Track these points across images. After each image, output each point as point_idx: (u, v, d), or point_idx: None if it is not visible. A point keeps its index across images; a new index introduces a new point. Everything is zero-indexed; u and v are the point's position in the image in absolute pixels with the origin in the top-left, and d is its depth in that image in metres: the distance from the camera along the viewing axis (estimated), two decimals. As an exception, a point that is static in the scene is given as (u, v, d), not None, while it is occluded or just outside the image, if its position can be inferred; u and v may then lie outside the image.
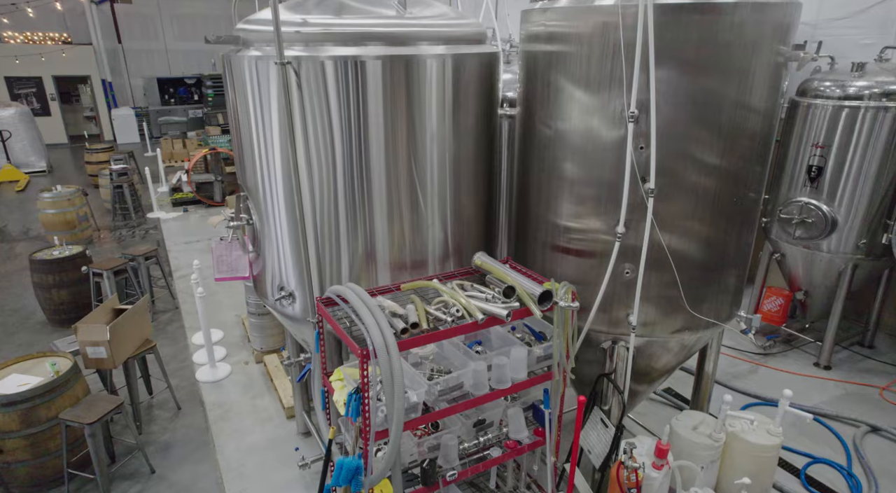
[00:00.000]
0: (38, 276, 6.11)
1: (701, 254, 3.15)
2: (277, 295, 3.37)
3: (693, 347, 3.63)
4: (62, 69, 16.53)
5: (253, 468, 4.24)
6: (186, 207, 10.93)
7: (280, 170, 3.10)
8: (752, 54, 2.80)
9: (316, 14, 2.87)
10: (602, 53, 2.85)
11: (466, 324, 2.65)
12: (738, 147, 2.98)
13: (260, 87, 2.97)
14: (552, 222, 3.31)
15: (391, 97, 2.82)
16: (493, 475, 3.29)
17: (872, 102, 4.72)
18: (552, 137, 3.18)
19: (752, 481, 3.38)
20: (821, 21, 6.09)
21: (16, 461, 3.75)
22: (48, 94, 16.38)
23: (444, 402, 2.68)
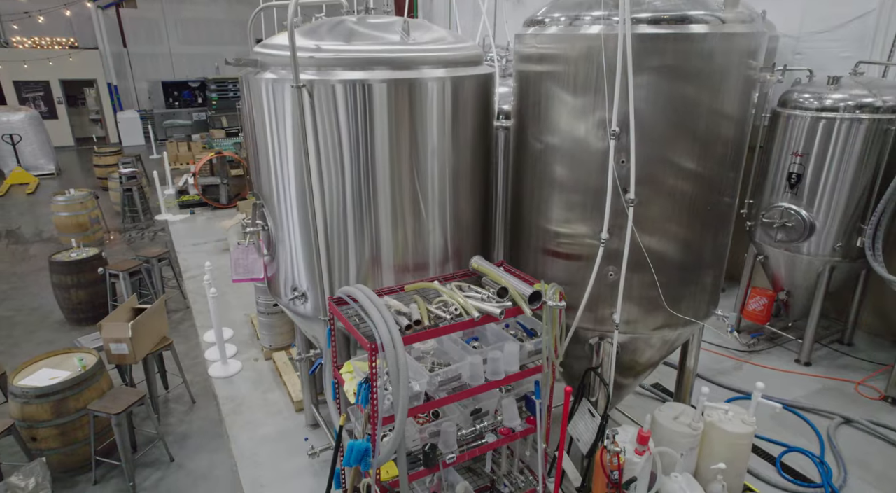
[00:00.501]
0: (57, 277, 6.41)
1: (679, 256, 3.45)
2: (291, 295, 3.67)
3: (674, 343, 3.92)
4: (69, 73, 16.83)
5: (265, 457, 4.53)
6: (193, 209, 11.23)
7: (294, 181, 3.40)
8: (721, 77, 3.10)
9: (328, 40, 3.17)
10: (587, 75, 3.14)
11: (464, 321, 2.94)
12: (713, 156, 3.27)
13: (276, 106, 3.27)
14: (543, 228, 3.61)
15: (395, 116, 3.12)
16: (488, 459, 3.58)
17: (847, 113, 5.01)
18: (543, 150, 3.48)
19: (727, 466, 3.67)
20: (803, 34, 6.39)
21: (48, 449, 4.05)
22: (55, 97, 16.68)
23: (443, 392, 2.97)
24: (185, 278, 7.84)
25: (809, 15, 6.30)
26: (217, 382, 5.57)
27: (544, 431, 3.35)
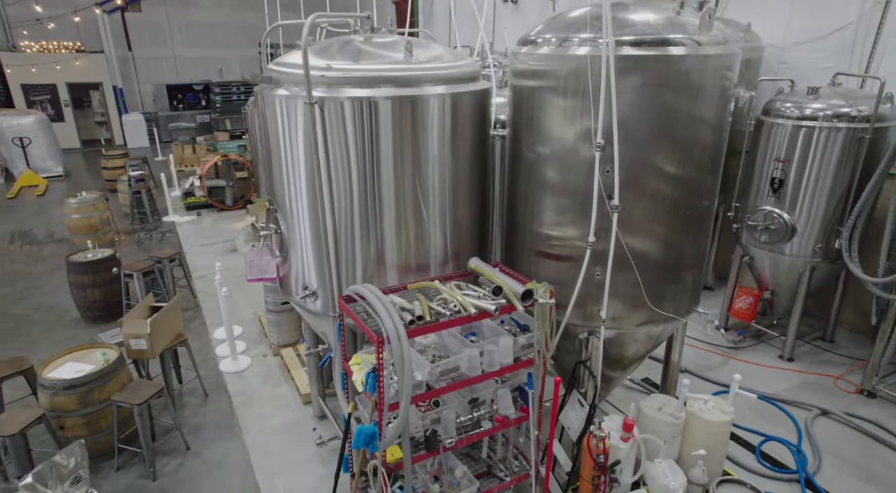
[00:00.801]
0: (74, 276, 6.70)
1: (661, 256, 3.73)
2: (302, 294, 3.96)
3: (659, 337, 4.21)
4: (76, 76, 17.13)
5: (275, 447, 4.82)
6: (199, 211, 11.51)
7: (305, 188, 3.68)
8: (698, 93, 3.39)
9: (339, 59, 3.46)
10: (575, 91, 3.42)
11: (462, 317, 3.22)
12: (692, 163, 3.55)
13: (288, 120, 3.56)
14: (535, 231, 3.90)
15: (399, 130, 3.41)
16: (485, 445, 3.87)
17: (825, 122, 5.30)
18: (535, 159, 3.76)
19: (707, 452, 3.97)
20: (788, 44, 6.68)
21: (74, 437, 4.33)
22: (62, 100, 16.97)
23: (443, 381, 3.26)
24: (195, 278, 8.13)
25: (793, 26, 6.59)
26: (228, 377, 5.85)
27: (536, 419, 3.63)
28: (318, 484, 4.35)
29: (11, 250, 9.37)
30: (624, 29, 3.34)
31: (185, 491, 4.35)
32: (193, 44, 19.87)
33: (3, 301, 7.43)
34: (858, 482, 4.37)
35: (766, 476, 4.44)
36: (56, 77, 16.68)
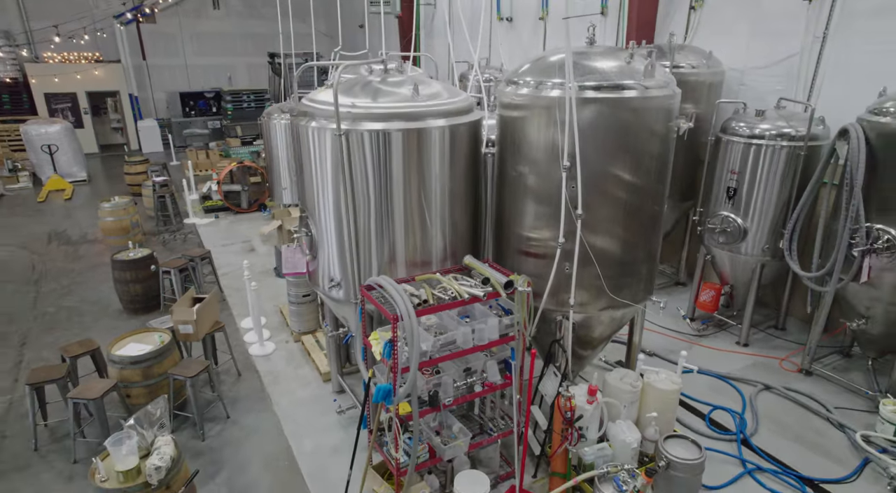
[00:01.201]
0: (118, 273, 7.59)
1: (620, 253, 4.63)
2: (329, 285, 4.85)
3: (621, 321, 5.11)
4: (94, 85, 18.03)
5: (301, 416, 5.71)
6: (217, 213, 12.41)
7: (332, 200, 4.58)
8: (646, 124, 4.29)
9: (361, 97, 4.36)
10: (548, 123, 4.32)
11: (458, 301, 4.11)
12: (643, 175, 4.43)
13: (319, 146, 4.45)
14: (518, 233, 4.80)
15: (408, 155, 4.30)
16: (476, 406, 4.76)
17: (770, 141, 6.20)
18: (517, 175, 4.66)
19: (659, 415, 4.87)
20: (747, 69, 7.57)
21: (138, 404, 5.22)
22: (82, 108, 17.87)
23: (443, 352, 4.14)
24: (220, 275, 9.01)
25: (751, 52, 7.48)
26: (257, 359, 6.75)
27: (518, 385, 4.52)
28: (339, 443, 5.25)
29: (50, 249, 10.26)
30: (588, 75, 4.24)
31: (229, 450, 5.24)
32: (204, 53, 20.76)
33: (53, 295, 8.32)
34: (788, 441, 5.27)
35: (712, 438, 5.34)
36: (76, 86, 17.58)
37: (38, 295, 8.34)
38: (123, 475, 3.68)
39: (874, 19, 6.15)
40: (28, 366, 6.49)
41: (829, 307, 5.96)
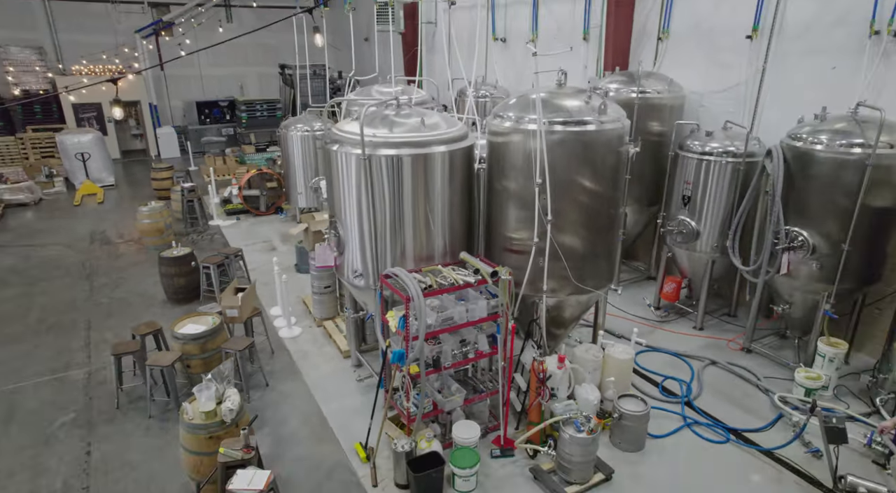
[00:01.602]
0: (164, 268, 8.83)
1: (583, 249, 5.86)
2: (353, 276, 6.09)
3: (587, 304, 6.35)
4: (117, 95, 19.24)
5: (328, 384, 6.93)
6: (238, 216, 13.65)
7: (356, 208, 5.81)
8: (602, 148, 5.52)
9: (379, 128, 5.59)
10: (525, 148, 5.56)
11: (455, 287, 5.34)
12: (601, 185, 5.66)
13: (346, 167, 5.68)
14: (503, 234, 6.03)
15: (415, 174, 5.53)
16: (469, 370, 5.99)
17: (717, 157, 7.41)
18: (502, 188, 5.90)
19: (616, 379, 6.11)
20: (706, 92, 8.79)
21: (196, 373, 6.46)
22: (106, 117, 19.11)
23: (443, 326, 5.37)
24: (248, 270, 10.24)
25: (708, 79, 8.70)
26: (286, 340, 7.98)
27: (502, 354, 5.75)
28: (359, 405, 6.47)
29: (93, 249, 11.50)
30: (556, 112, 5.49)
31: (270, 411, 6.47)
32: (218, 63, 21.96)
33: (105, 288, 9.56)
34: (724, 403, 6.49)
35: (662, 400, 6.56)
36: (101, 96, 18.79)
37: (92, 288, 9.58)
38: (205, 415, 4.92)
39: (803, 57, 7.39)
40: (96, 346, 7.74)
41: (761, 295, 7.19)
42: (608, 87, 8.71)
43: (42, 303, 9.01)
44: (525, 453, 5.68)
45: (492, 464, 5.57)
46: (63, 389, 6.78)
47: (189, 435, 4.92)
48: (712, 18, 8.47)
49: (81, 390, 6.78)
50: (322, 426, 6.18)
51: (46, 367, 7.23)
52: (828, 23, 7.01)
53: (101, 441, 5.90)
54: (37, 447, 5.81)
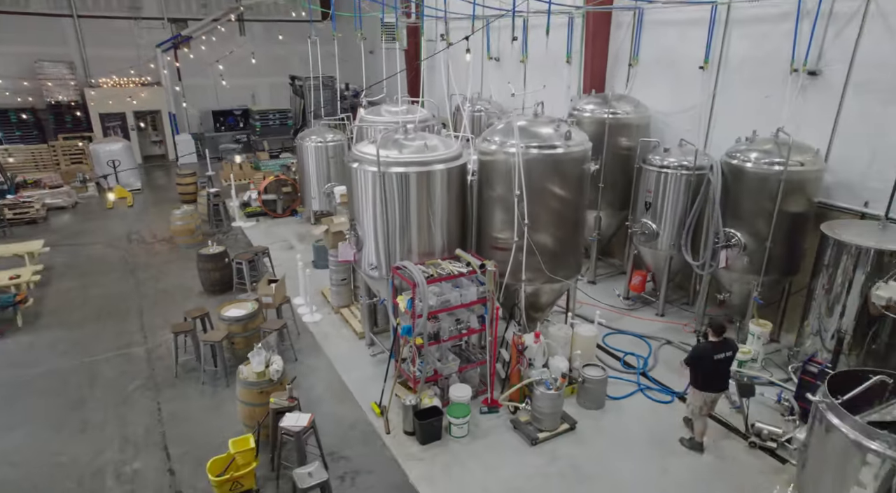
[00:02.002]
0: (202, 263, 10.26)
1: (554, 246, 7.30)
2: (370, 268, 7.52)
3: (559, 291, 7.79)
4: (140, 105, 20.70)
5: (345, 359, 8.35)
6: (257, 218, 15.07)
7: (371, 214, 7.24)
8: (568, 166, 6.96)
9: (391, 149, 7.02)
10: (507, 166, 6.99)
11: (451, 276, 6.77)
12: (568, 192, 7.11)
13: (364, 180, 7.12)
14: (491, 234, 7.47)
15: (420, 187, 6.97)
16: (463, 344, 7.42)
17: (673, 170, 8.83)
18: (489, 197, 7.34)
19: (582, 353, 7.54)
20: (669, 112, 10.21)
21: (240, 349, 7.88)
22: (129, 125, 20.55)
23: (442, 306, 6.79)
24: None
25: (672, 100, 10.11)
26: (309, 324, 9.40)
27: (490, 331, 7.16)
28: (372, 375, 7.87)
29: (132, 247, 12.93)
30: (532, 138, 6.92)
31: (300, 379, 7.88)
32: (231, 74, 23.34)
33: (149, 281, 10.99)
34: (672, 374, 7.90)
35: (622, 371, 7.99)
36: (126, 106, 20.22)
37: (137, 281, 11.01)
38: (257, 375, 6.35)
39: (743, 87, 8.80)
40: (150, 329, 9.16)
41: (708, 285, 8.62)
42: (585, 107, 10.16)
43: (97, 294, 10.44)
44: (507, 409, 7.10)
45: (481, 419, 7.00)
46: (129, 362, 8.22)
47: (245, 390, 6.36)
48: (673, 50, 9.89)
49: (144, 362, 8.21)
50: (343, 391, 7.61)
51: (113, 345, 8.66)
52: (760, 59, 8.43)
53: (167, 401, 7.34)
54: (118, 405, 7.25)
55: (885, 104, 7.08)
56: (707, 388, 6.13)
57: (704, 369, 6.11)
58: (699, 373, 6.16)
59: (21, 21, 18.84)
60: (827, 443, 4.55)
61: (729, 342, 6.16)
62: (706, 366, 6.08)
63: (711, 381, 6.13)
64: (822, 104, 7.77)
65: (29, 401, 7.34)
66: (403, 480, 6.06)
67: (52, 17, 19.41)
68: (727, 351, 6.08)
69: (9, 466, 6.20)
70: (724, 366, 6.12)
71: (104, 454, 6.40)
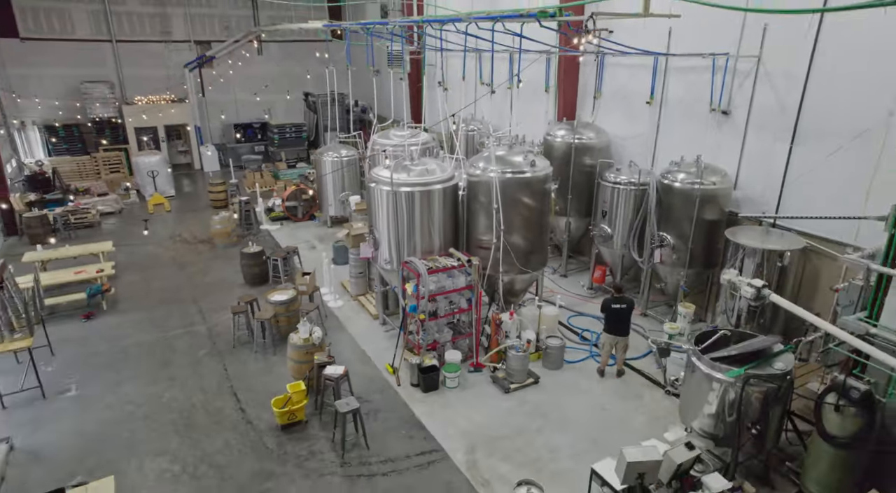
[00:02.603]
0: (245, 260, 12.57)
1: (524, 245, 9.62)
2: (385, 263, 9.84)
3: (530, 281, 10.12)
4: (170, 120, 23.02)
5: (363, 334, 10.67)
6: (281, 222, 17.38)
7: (385, 221, 9.56)
8: (534, 185, 9.28)
9: (401, 173, 9.34)
10: (488, 187, 9.31)
11: (446, 268, 9.06)
12: (535, 202, 9.42)
13: (380, 196, 9.44)
14: (476, 237, 9.80)
15: (423, 202, 9.28)
16: (456, 320, 9.73)
17: (623, 185, 11.13)
18: (475, 208, 9.66)
19: (546, 327, 9.86)
20: (626, 137, 12.50)
21: (282, 325, 10.20)
22: (160, 138, 22.87)
23: (439, 290, 9.09)
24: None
25: (626, 127, 12.41)
26: (333, 308, 11.71)
27: (475, 311, 9.46)
28: (385, 346, 10.17)
29: (177, 246, 15.25)
30: (507, 165, 9.25)
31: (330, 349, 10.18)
32: (251, 89, 25.72)
33: (197, 276, 13.30)
34: (618, 344, 10.21)
35: (579, 343, 10.30)
36: (157, 121, 22.53)
37: (188, 275, 13.34)
38: (303, 341, 8.66)
39: (680, 120, 11.10)
40: (205, 312, 11.47)
41: (650, 277, 10.94)
42: (557, 133, 12.47)
43: (158, 285, 12.77)
44: (489, 369, 9.41)
45: (469, 376, 9.30)
46: (195, 336, 10.54)
47: (295, 351, 8.68)
48: (627, 87, 12.19)
49: (206, 337, 10.53)
50: (364, 356, 9.92)
51: (180, 323, 10.99)
52: (690, 100, 10.73)
53: (229, 364, 9.65)
54: (194, 365, 9.57)
55: (773, 140, 9.37)
56: (608, 331, 8.98)
57: (607, 316, 8.90)
58: (605, 320, 8.87)
59: (68, 47, 21.17)
60: (692, 378, 6.85)
61: (625, 298, 8.90)
62: (608, 313, 8.90)
63: (611, 325, 8.95)
64: (733, 137, 10.06)
65: (128, 363, 9.67)
66: (411, 415, 8.37)
67: (95, 42, 21.74)
68: (622, 304, 8.84)
69: (129, 404, 8.54)
70: (620, 314, 8.87)
71: (192, 397, 8.72)
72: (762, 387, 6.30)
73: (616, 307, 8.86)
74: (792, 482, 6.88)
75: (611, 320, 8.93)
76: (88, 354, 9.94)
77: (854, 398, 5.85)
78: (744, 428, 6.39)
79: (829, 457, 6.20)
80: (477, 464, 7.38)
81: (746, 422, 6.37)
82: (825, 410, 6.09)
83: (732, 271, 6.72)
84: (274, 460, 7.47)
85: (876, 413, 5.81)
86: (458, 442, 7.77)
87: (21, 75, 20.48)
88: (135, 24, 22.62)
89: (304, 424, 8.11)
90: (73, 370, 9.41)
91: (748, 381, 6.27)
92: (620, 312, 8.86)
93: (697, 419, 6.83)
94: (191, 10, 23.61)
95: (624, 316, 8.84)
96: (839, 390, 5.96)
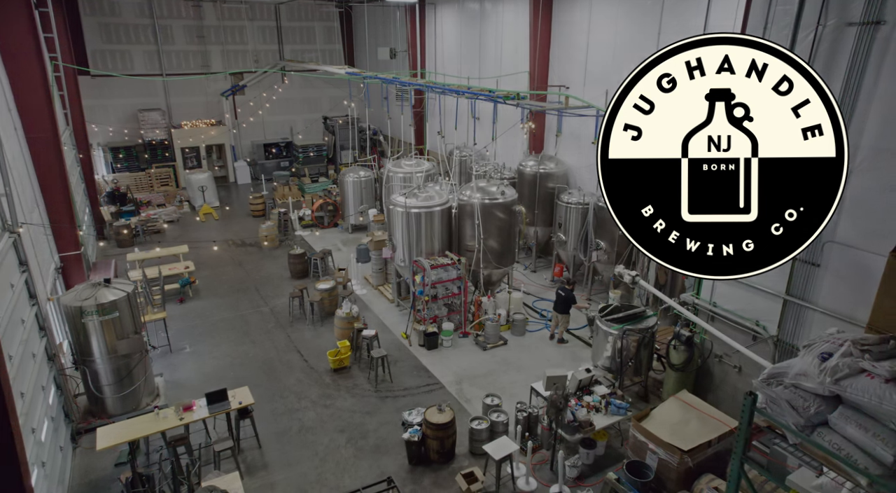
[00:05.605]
0: (291, 259, 16.64)
1: (498, 247, 13.70)
2: (400, 262, 13.91)
3: (503, 274, 14.22)
4: (210, 140, 27.08)
5: (384, 312, 14.73)
6: (310, 229, 21.43)
7: (401, 232, 13.63)
8: (506, 208, 13.37)
9: (412, 199, 13.43)
10: (472, 211, 13.38)
11: (444, 264, 13.12)
12: (504, 218, 13.51)
13: (397, 215, 13.53)
14: (464, 242, 13.89)
15: (427, 220, 13.35)
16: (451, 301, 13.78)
17: (573, 205, 15.20)
18: (463, 222, 13.73)
19: (514, 307, 13.97)
20: (580, 166, 16.58)
21: (326, 306, 14.25)
22: (202, 156, 26.92)
23: (438, 279, 13.13)
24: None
25: (578, 160, 16.47)
26: (359, 295, 15.77)
27: (463, 295, 13.50)
28: (399, 320, 14.23)
29: (231, 249, 19.30)
30: (485, 194, 13.37)
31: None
32: (275, 112, 29.79)
33: (252, 272, 17.36)
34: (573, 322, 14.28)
35: (540, 319, 14.37)
36: (199, 141, 26.57)
37: (246, 272, 17.39)
38: (346, 314, 12.74)
39: (613, 156, 15.16)
40: (266, 298, 15.52)
41: (591, 272, 15.02)
42: (527, 163, 16.54)
43: (225, 278, 16.82)
44: (473, 335, 13.47)
45: (459, 339, 13.37)
46: (262, 315, 14.60)
47: (340, 321, 12.78)
48: (579, 129, 16.26)
49: (270, 315, 14.59)
50: (385, 327, 13.99)
51: (249, 306, 15.05)
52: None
53: (290, 332, 13.72)
54: (265, 333, 13.65)
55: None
56: (555, 309, 13.05)
57: (555, 299, 12.83)
58: (554, 302, 12.81)
59: (128, 81, 25.23)
60: (598, 333, 10.91)
61: (566, 289, 12.87)
62: (556, 297, 12.86)
63: (556, 305, 13.02)
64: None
65: (219, 332, 13.73)
66: (419, 363, 12.43)
67: (149, 76, 25.80)
68: (564, 292, 12.79)
69: (227, 357, 12.62)
70: (560, 298, 12.82)
71: (268, 353, 12.79)
72: (635, 336, 10.37)
73: (560, 294, 12.82)
74: (658, 397, 10.95)
75: (556, 302, 12.95)
76: (189, 326, 14.00)
77: (682, 341, 9.91)
78: (625, 362, 10.45)
79: (673, 377, 10.26)
80: (462, 390, 11.45)
81: (627, 358, 10.44)
82: (670, 348, 10.16)
83: (620, 265, 10.77)
84: (331, 387, 11.54)
85: (693, 348, 9.89)
86: (451, 378, 11.83)
87: (91, 106, 24.51)
88: (181, 59, 26.71)
89: (348, 369, 12.17)
90: (182, 337, 13.47)
91: (625, 332, 10.34)
92: (560, 297, 12.83)
93: (601, 359, 10.90)
94: (227, 47, 27.69)
95: (563, 300, 12.81)
96: (675, 336, 10.03)
